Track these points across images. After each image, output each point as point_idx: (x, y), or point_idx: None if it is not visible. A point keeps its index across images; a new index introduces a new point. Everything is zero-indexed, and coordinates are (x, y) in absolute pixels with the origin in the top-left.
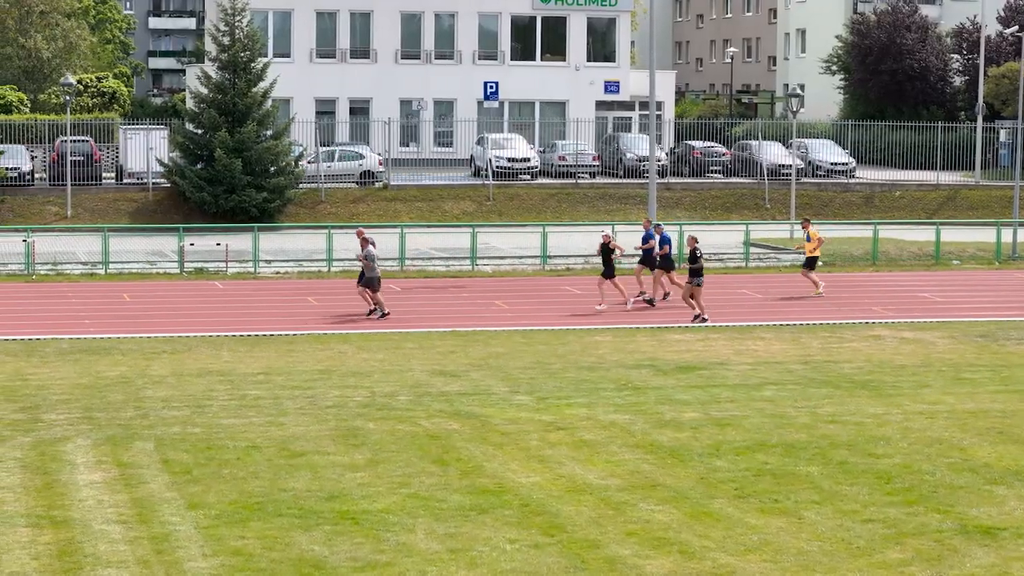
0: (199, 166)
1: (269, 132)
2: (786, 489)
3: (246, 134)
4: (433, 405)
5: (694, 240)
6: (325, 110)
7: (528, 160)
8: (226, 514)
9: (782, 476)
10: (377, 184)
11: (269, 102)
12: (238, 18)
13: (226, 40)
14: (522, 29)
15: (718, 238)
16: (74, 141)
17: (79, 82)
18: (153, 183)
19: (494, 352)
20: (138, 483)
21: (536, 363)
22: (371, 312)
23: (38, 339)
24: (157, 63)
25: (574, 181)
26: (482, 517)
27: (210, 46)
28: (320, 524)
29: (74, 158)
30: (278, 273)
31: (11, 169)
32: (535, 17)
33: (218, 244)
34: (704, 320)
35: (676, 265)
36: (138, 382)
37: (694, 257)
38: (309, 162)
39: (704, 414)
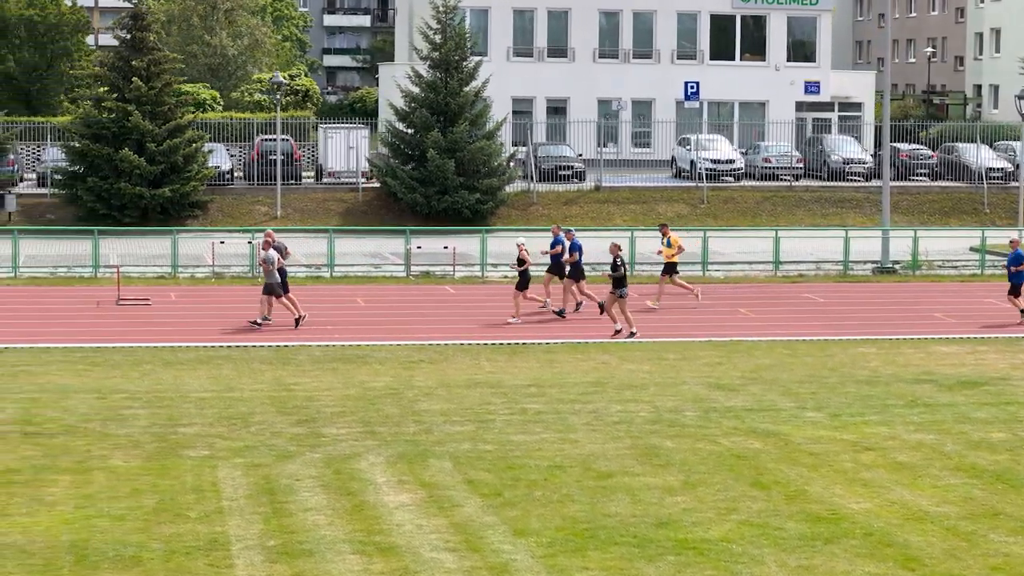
0: (409, 166)
1: (481, 132)
2: None
3: (458, 134)
4: (724, 422)
5: (617, 248)
6: (521, 109)
7: (733, 162)
8: (558, 542)
9: None
10: (588, 186)
11: (482, 102)
12: (450, 16)
13: (437, 38)
14: (721, 28)
15: (942, 244)
16: (274, 140)
17: (270, 80)
18: (353, 183)
19: (761, 364)
20: (451, 506)
21: (810, 376)
22: (258, 322)
23: (287, 346)
24: (331, 60)
25: (788, 184)
26: (830, 547)
27: (420, 44)
28: (662, 554)
29: (274, 157)
30: (506, 277)
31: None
32: (734, 16)
33: (445, 247)
34: (633, 335)
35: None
36: (408, 394)
37: (615, 266)
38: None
39: (1013, 435)
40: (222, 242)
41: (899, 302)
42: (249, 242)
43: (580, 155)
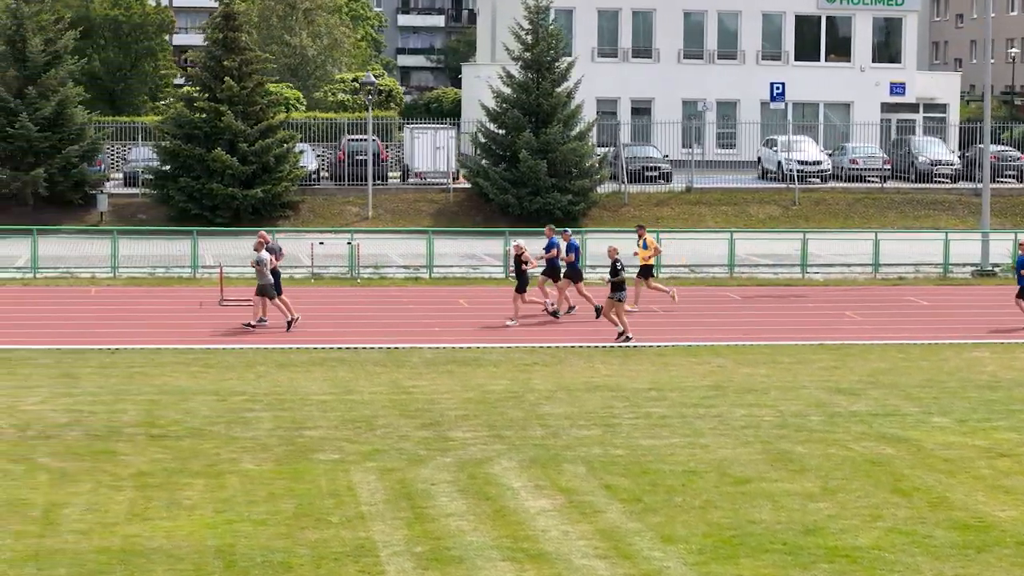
0: (501, 167)
1: (573, 133)
2: None
3: (551, 135)
4: (851, 427)
5: (615, 251)
6: (605, 110)
7: (820, 163)
8: (708, 549)
9: None
10: (679, 187)
11: (574, 102)
12: (542, 16)
13: (529, 39)
14: (806, 28)
15: None
16: (359, 140)
17: (354, 80)
18: (439, 183)
19: (877, 368)
20: (592, 512)
21: (929, 381)
22: (252, 324)
23: (398, 348)
24: (405, 60)
25: (879, 186)
26: (983, 556)
27: (512, 44)
28: (815, 562)
29: (360, 157)
30: (604, 279)
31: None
32: (819, 16)
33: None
34: (628, 339)
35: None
36: (528, 397)
37: (615, 270)
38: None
39: None
40: (321, 243)
41: (1003, 305)
42: (348, 243)
43: (666, 156)
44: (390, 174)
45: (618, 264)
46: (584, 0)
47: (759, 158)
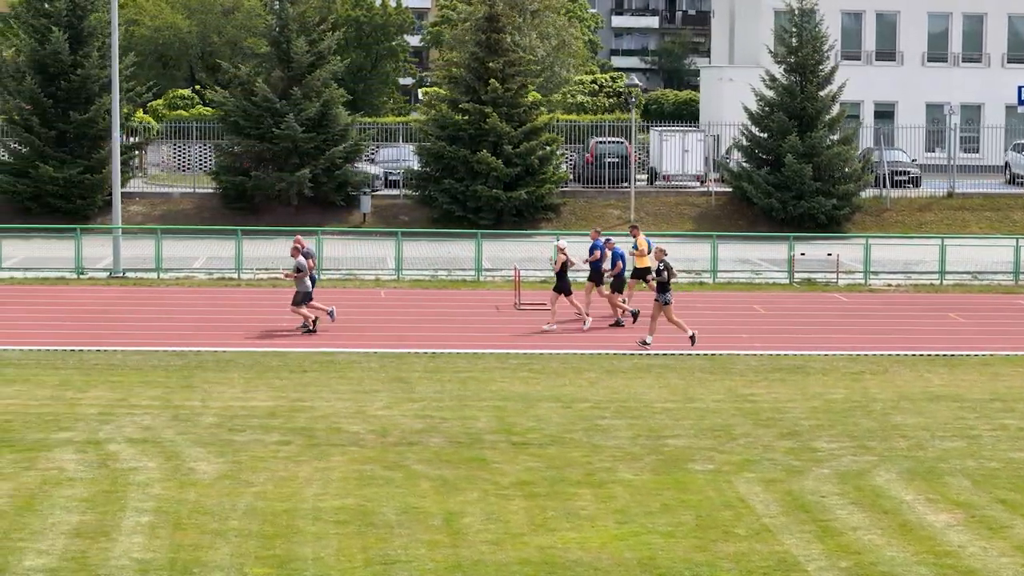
0: (764, 170)
1: (836, 137)
2: None
3: (816, 139)
4: None
5: (662, 252)
6: (849, 113)
7: None
8: None
9: None
10: (941, 192)
11: (837, 106)
12: (806, 19)
13: (794, 42)
14: None
15: None
16: (609, 142)
17: (593, 82)
18: (686, 187)
19: None
20: (1000, 527)
21: None
22: (311, 328)
23: (717, 354)
24: (618, 62)
25: None
26: None
27: (776, 47)
28: None
29: (610, 160)
30: (889, 285)
31: None
32: None
33: (829, 255)
34: (645, 343)
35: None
36: (874, 407)
37: (659, 271)
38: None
39: None
40: None
41: None
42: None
43: (914, 160)
44: (637, 177)
45: (661, 266)
46: (828, 2)
47: (1006, 163)
